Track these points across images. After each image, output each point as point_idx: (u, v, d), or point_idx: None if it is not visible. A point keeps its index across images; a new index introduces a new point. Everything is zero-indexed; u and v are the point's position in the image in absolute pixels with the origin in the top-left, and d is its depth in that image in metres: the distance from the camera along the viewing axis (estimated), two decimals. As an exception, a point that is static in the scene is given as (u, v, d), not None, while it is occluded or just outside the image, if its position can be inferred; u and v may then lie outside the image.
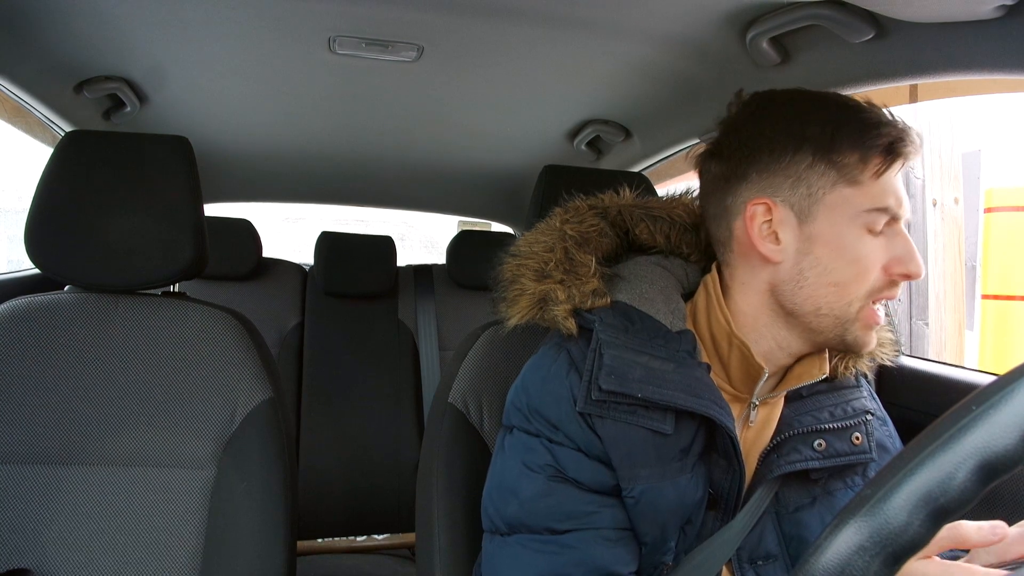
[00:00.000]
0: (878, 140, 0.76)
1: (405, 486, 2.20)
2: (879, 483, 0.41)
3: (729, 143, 0.83)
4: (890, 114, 0.78)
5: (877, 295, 0.79)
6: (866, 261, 0.77)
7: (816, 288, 0.78)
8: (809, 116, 0.78)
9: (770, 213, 0.79)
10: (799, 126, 0.78)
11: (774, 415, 0.85)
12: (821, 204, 0.77)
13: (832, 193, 0.77)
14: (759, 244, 0.80)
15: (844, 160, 0.76)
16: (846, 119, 0.77)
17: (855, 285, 0.78)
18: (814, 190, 0.77)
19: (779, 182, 0.79)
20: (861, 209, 0.76)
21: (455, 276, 2.45)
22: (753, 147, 0.80)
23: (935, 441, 0.41)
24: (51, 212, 1.13)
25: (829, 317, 0.79)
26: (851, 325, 0.79)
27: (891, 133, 0.76)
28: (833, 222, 0.77)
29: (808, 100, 0.80)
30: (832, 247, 0.77)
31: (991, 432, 0.39)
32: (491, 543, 0.83)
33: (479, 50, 1.30)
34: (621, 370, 0.77)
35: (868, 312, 0.79)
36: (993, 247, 3.19)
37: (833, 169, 0.77)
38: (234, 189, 2.40)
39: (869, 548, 0.40)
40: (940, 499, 0.40)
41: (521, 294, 0.86)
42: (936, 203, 3.24)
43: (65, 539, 1.09)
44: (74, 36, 1.29)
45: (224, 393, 1.14)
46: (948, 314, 3.25)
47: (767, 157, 0.79)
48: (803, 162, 0.78)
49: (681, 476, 0.79)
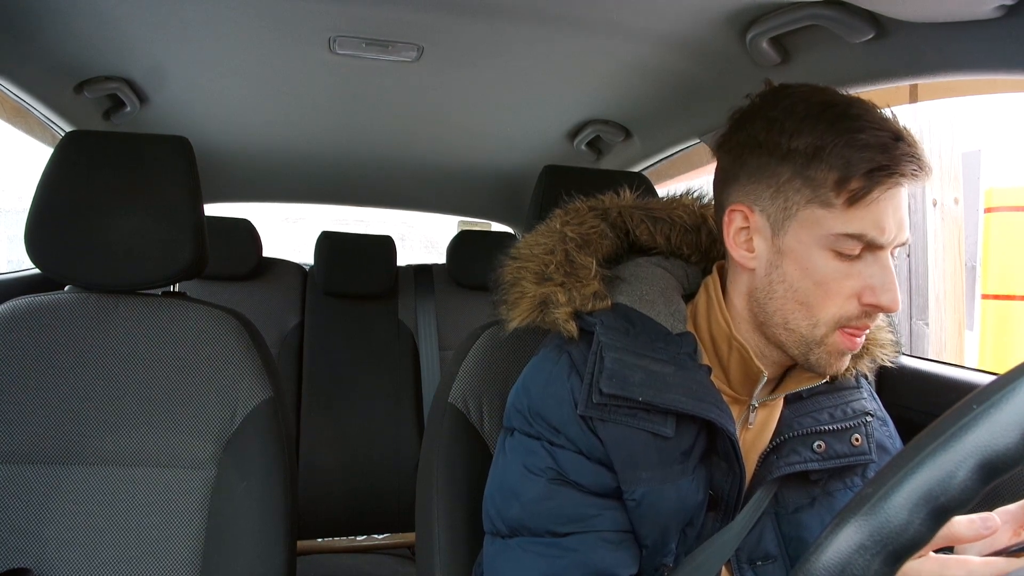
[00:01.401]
0: (859, 164, 0.71)
1: (405, 486, 2.20)
2: (880, 482, 0.41)
3: (731, 138, 0.82)
4: (894, 136, 0.72)
5: (848, 323, 0.75)
6: (831, 286, 0.74)
7: (784, 303, 0.77)
8: (801, 127, 0.74)
9: (748, 220, 0.79)
10: (788, 137, 0.74)
11: (773, 417, 0.85)
12: (794, 219, 0.75)
13: (805, 210, 0.74)
14: (733, 249, 0.80)
15: (820, 180, 0.73)
16: (835, 136, 0.72)
17: (820, 309, 0.75)
18: (789, 204, 0.75)
19: (761, 190, 0.77)
20: (830, 232, 0.73)
21: (455, 276, 2.45)
22: (746, 149, 0.79)
23: (936, 440, 0.40)
24: (51, 212, 1.13)
25: (795, 334, 0.78)
26: (816, 348, 0.77)
27: (876, 159, 0.71)
28: (800, 240, 0.75)
29: (809, 107, 0.75)
30: (799, 265, 0.76)
31: (992, 431, 0.39)
32: (492, 545, 0.83)
33: (479, 50, 1.30)
34: (622, 373, 0.77)
35: (837, 339, 0.76)
36: (993, 247, 3.19)
37: (808, 187, 0.74)
38: (234, 189, 2.40)
39: (870, 547, 0.40)
40: (941, 498, 0.40)
41: (522, 297, 0.86)
42: (936, 203, 3.24)
43: (65, 539, 1.09)
44: (74, 36, 1.29)
45: (224, 393, 1.14)
46: (948, 314, 3.25)
47: (755, 162, 0.78)
48: (783, 175, 0.75)
49: (682, 479, 0.79)
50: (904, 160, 0.72)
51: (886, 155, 0.71)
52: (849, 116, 0.73)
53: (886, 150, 0.71)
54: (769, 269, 0.78)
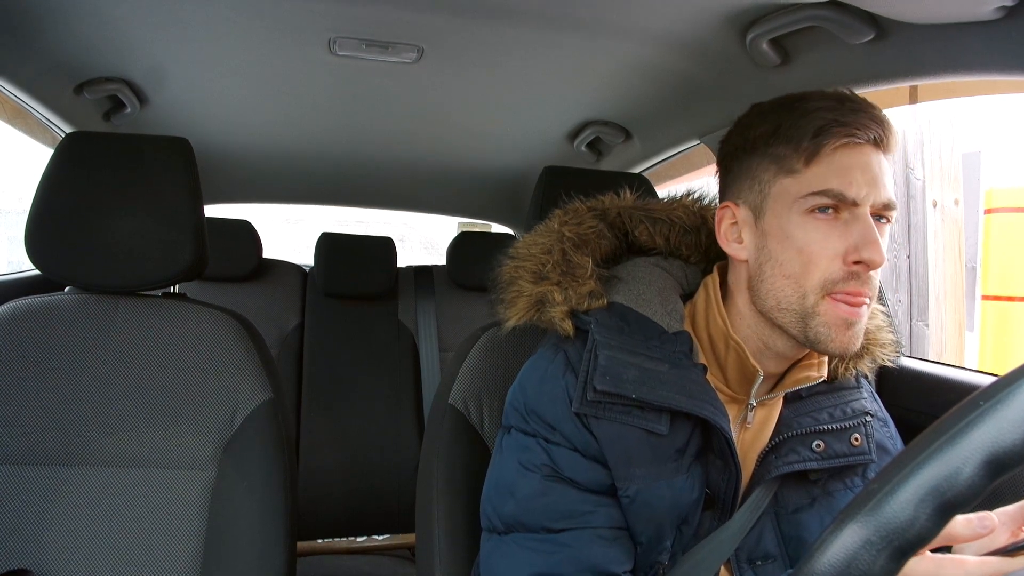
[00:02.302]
0: (808, 125, 0.76)
1: (405, 486, 2.20)
2: (886, 477, 0.41)
3: (720, 160, 0.88)
4: (839, 99, 0.77)
5: (835, 287, 0.75)
6: (812, 248, 0.76)
7: (773, 282, 0.79)
8: (762, 118, 0.80)
9: (735, 216, 0.83)
10: (753, 130, 0.81)
11: (772, 416, 0.85)
12: (768, 199, 0.79)
13: (775, 186, 0.79)
14: (725, 245, 0.84)
15: (781, 153, 0.78)
16: (787, 112, 0.78)
17: (805, 276, 0.76)
18: (763, 186, 0.80)
19: (742, 185, 0.82)
20: (798, 195, 0.76)
21: (455, 277, 2.45)
22: (729, 158, 0.85)
23: (942, 436, 0.40)
24: (51, 213, 1.13)
25: (789, 312, 0.78)
26: (811, 320, 0.76)
27: (824, 116, 0.75)
28: (777, 214, 0.78)
29: (772, 104, 0.82)
30: (779, 238, 0.78)
31: (999, 427, 0.39)
32: (488, 542, 0.83)
33: (479, 51, 1.30)
34: (616, 371, 0.78)
35: (828, 307, 0.76)
36: (993, 248, 3.19)
37: (774, 164, 0.78)
38: (234, 190, 2.41)
39: (875, 542, 0.40)
40: (947, 494, 0.40)
41: (519, 296, 0.87)
42: (936, 204, 3.25)
43: (65, 540, 1.09)
44: (74, 37, 1.29)
45: (224, 394, 1.14)
46: (948, 315, 3.25)
47: (736, 165, 0.83)
48: (754, 163, 0.81)
49: (677, 476, 0.79)
50: (853, 115, 0.76)
51: (833, 112, 0.76)
52: (799, 97, 0.79)
53: (832, 109, 0.76)
54: (758, 254, 0.80)
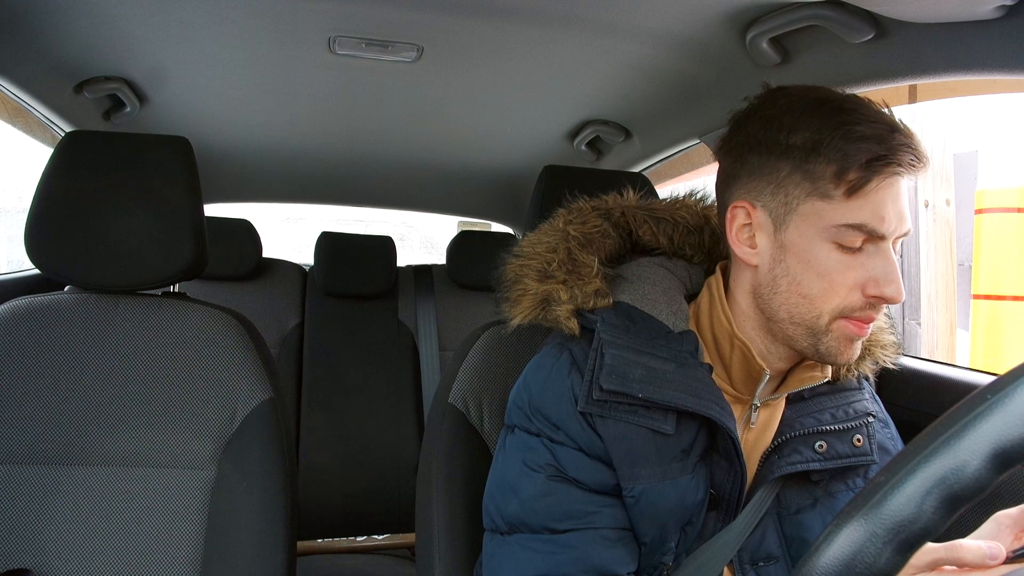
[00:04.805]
0: (857, 156, 0.72)
1: (405, 486, 2.20)
2: (892, 470, 0.41)
3: (731, 139, 0.83)
4: (890, 128, 0.74)
5: (851, 314, 0.76)
6: (834, 277, 0.75)
7: (788, 296, 0.78)
8: (798, 123, 0.76)
9: (750, 217, 0.80)
10: (786, 133, 0.76)
11: (775, 416, 0.85)
12: (795, 214, 0.77)
13: (805, 204, 0.76)
14: (735, 246, 0.81)
15: (819, 173, 0.74)
16: (832, 130, 0.74)
17: (823, 300, 0.76)
18: (790, 199, 0.77)
19: (762, 187, 0.79)
20: (831, 224, 0.74)
21: (455, 276, 2.45)
22: (745, 148, 0.80)
23: (949, 428, 0.40)
24: (51, 212, 1.13)
25: (801, 327, 0.78)
26: (823, 337, 0.77)
27: (873, 150, 0.72)
28: (803, 233, 0.76)
29: (806, 103, 0.77)
30: (801, 258, 0.77)
31: (1006, 420, 0.39)
32: (491, 542, 0.83)
33: (479, 50, 1.30)
34: (622, 370, 0.77)
35: (842, 325, 0.76)
36: (984, 248, 3.19)
37: (808, 181, 0.75)
38: (234, 189, 2.40)
39: (881, 535, 0.40)
40: (954, 486, 0.39)
41: (524, 294, 0.87)
42: (928, 204, 3.26)
43: (65, 539, 1.09)
44: (74, 36, 1.28)
45: (224, 393, 1.14)
46: (940, 314, 3.27)
47: (755, 160, 0.79)
48: (783, 170, 0.77)
49: (682, 476, 0.79)
50: (901, 150, 0.73)
51: (883, 145, 0.73)
52: (845, 110, 0.75)
53: (883, 140, 0.73)
54: (772, 264, 0.79)
